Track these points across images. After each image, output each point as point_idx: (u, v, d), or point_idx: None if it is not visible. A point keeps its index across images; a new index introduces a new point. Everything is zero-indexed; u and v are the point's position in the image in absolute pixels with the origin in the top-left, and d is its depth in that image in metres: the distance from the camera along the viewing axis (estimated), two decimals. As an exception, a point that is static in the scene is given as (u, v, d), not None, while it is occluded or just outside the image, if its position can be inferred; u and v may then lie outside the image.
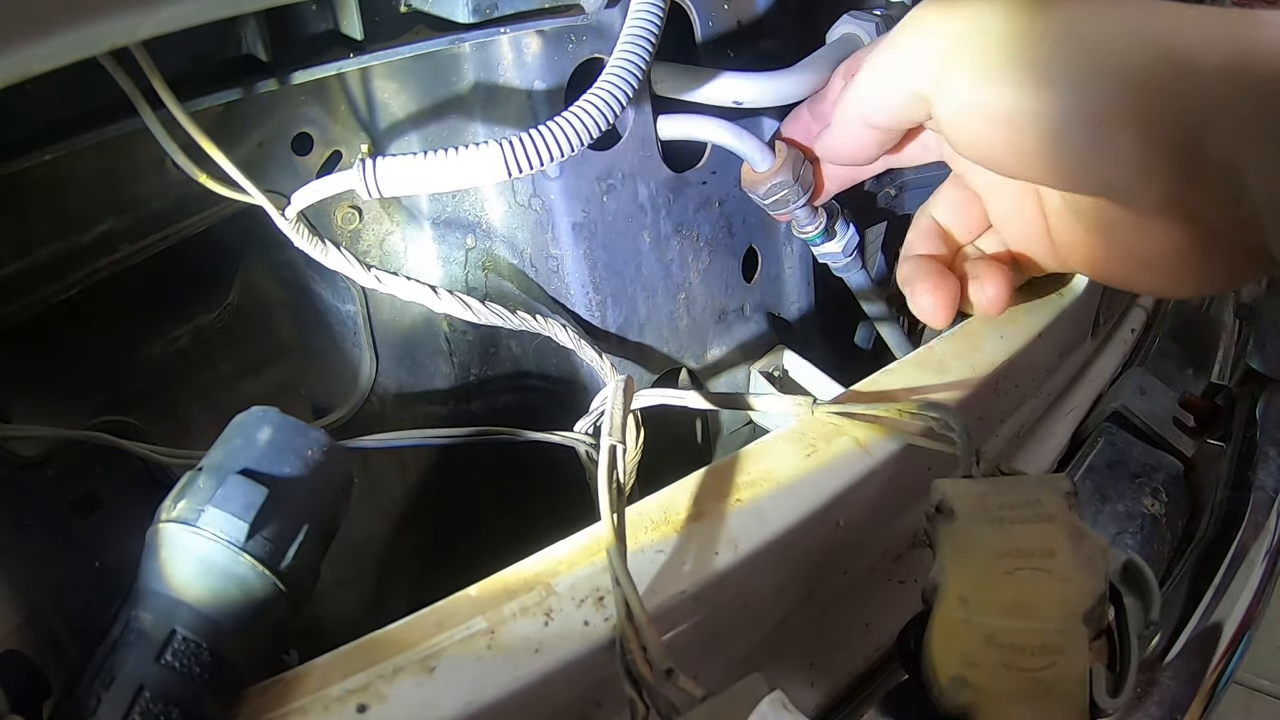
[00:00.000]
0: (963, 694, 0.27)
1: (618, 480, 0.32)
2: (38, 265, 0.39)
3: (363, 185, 0.34)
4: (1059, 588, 0.28)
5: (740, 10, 0.48)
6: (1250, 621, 0.50)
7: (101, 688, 0.25)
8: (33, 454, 0.42)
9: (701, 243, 0.50)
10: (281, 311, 0.56)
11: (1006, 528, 0.29)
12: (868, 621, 0.43)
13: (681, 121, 0.46)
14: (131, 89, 0.32)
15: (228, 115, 0.41)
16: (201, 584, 0.27)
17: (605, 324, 0.47)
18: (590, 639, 0.30)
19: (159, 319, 0.52)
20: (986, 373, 0.43)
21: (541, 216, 0.45)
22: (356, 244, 0.49)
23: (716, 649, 0.37)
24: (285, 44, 0.38)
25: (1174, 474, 0.56)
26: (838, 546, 0.40)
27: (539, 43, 0.41)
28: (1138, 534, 0.52)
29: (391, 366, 0.54)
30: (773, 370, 0.55)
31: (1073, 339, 0.57)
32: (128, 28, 0.25)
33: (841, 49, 0.48)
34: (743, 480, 0.36)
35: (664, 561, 0.33)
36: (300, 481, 0.29)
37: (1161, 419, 0.59)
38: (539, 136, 0.34)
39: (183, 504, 0.27)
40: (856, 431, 0.39)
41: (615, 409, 0.35)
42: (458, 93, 0.43)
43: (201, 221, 0.44)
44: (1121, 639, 0.28)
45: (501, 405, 0.52)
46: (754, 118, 0.50)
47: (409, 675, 0.28)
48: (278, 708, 0.27)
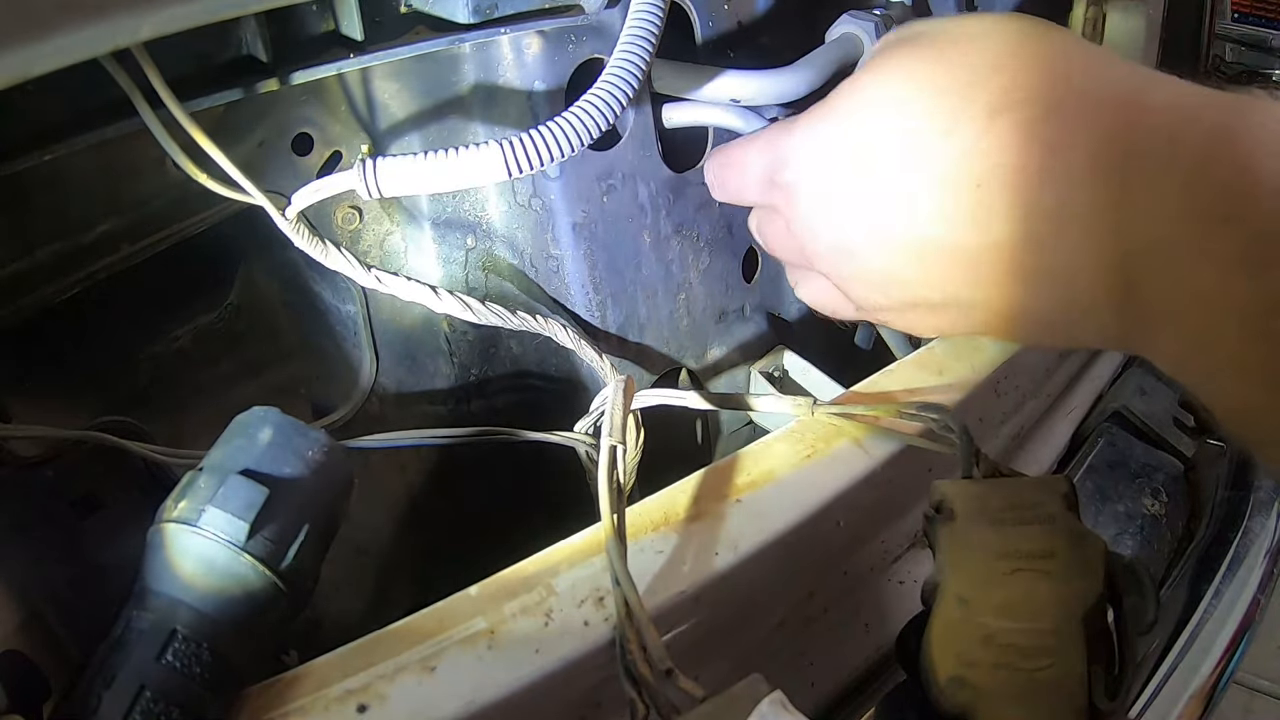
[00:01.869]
0: (961, 694, 0.27)
1: (618, 480, 0.32)
2: (38, 265, 0.39)
3: (363, 185, 0.34)
4: (1058, 589, 0.28)
5: (740, 10, 0.48)
6: (1250, 621, 0.50)
7: (102, 687, 0.25)
8: (33, 454, 0.42)
9: (702, 243, 0.50)
10: (282, 311, 0.56)
11: (1006, 529, 0.29)
12: (867, 621, 0.43)
13: (688, 108, 0.46)
14: (131, 89, 0.32)
15: (228, 115, 0.41)
16: (202, 584, 0.27)
17: (605, 324, 0.47)
18: (590, 639, 0.30)
19: (159, 319, 0.52)
20: (986, 373, 0.43)
21: (541, 216, 0.45)
22: (357, 244, 0.49)
23: (716, 649, 0.37)
24: (285, 44, 0.38)
25: (1174, 474, 0.56)
26: (838, 546, 0.40)
27: (539, 43, 0.41)
28: (1138, 534, 0.52)
29: (391, 366, 0.54)
30: (773, 370, 0.55)
31: (1073, 339, 0.57)
32: (128, 28, 0.25)
33: (841, 48, 0.48)
34: (743, 480, 0.36)
35: (664, 561, 0.33)
36: (300, 481, 0.29)
37: (1161, 419, 0.59)
38: (539, 136, 0.34)
39: (184, 504, 0.27)
40: (856, 432, 0.39)
41: (615, 409, 0.35)
42: (458, 93, 0.43)
43: (201, 221, 0.44)
44: (1121, 640, 0.28)
45: (501, 405, 0.52)
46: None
47: (409, 675, 0.28)
48: (278, 708, 0.27)
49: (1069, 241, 0.29)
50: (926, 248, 0.32)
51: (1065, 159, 0.28)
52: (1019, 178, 0.29)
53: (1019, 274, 0.30)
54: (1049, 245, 0.29)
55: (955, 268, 0.32)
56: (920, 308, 0.35)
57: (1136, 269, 0.28)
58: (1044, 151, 0.29)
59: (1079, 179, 0.28)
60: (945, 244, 0.31)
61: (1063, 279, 0.30)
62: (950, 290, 0.33)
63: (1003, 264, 0.31)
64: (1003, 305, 0.32)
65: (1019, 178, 0.29)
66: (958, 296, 0.33)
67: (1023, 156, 0.29)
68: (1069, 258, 0.29)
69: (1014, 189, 0.29)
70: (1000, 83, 0.30)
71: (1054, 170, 0.29)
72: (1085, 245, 0.29)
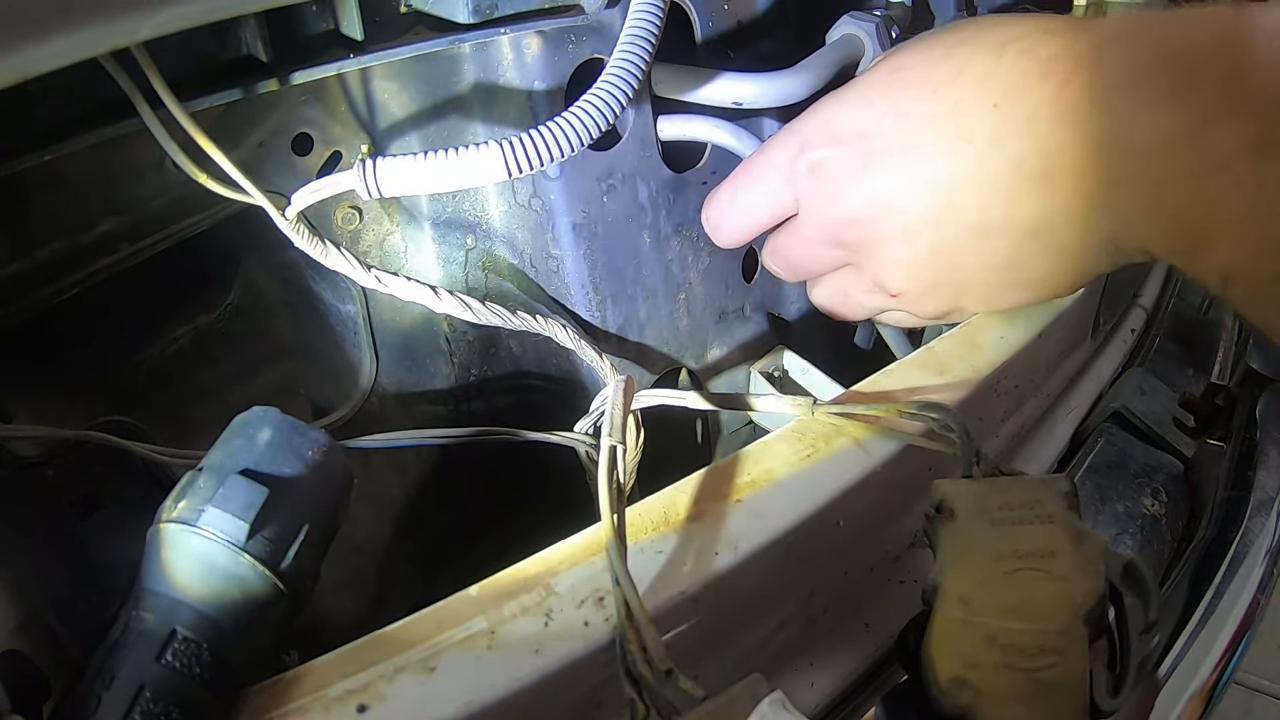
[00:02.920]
0: (962, 694, 0.27)
1: (618, 480, 0.32)
2: (38, 265, 0.39)
3: (363, 185, 0.34)
4: (1059, 588, 0.28)
5: (740, 10, 0.48)
6: (1250, 621, 0.50)
7: (102, 687, 0.25)
8: (33, 454, 0.42)
9: (701, 243, 0.50)
10: (282, 312, 0.56)
11: (1007, 528, 0.29)
12: (868, 621, 0.43)
13: (680, 122, 0.46)
14: (131, 89, 0.32)
15: (228, 115, 0.41)
16: (202, 584, 0.27)
17: (605, 324, 0.47)
18: (590, 639, 0.30)
19: (159, 319, 0.52)
20: (986, 373, 0.43)
21: (541, 217, 0.45)
22: (357, 244, 0.49)
23: (716, 649, 0.37)
24: (285, 44, 0.38)
25: (1174, 474, 0.56)
26: (838, 546, 0.40)
27: (539, 43, 0.41)
28: (1138, 534, 0.52)
29: (391, 366, 0.54)
30: (773, 370, 0.55)
31: (1073, 339, 0.57)
32: (128, 28, 0.25)
33: (841, 49, 0.48)
34: (743, 480, 0.36)
35: (664, 561, 0.33)
36: (300, 481, 0.29)
37: (1161, 419, 0.59)
38: (539, 137, 0.34)
39: (183, 504, 0.27)
40: (856, 432, 0.39)
41: (615, 409, 0.35)
42: (458, 93, 0.43)
43: (201, 221, 0.44)
44: (1121, 639, 0.28)
45: (501, 405, 0.52)
46: (754, 118, 0.50)
47: (409, 675, 0.28)
48: (278, 708, 0.27)
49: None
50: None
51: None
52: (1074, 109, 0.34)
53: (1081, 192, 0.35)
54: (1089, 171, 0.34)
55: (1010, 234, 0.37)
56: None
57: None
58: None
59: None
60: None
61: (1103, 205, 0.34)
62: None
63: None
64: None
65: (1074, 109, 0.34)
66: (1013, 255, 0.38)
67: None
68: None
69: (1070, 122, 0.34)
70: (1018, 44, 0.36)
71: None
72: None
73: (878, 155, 0.39)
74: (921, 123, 0.38)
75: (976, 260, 0.39)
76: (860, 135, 0.40)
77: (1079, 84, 0.34)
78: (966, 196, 0.37)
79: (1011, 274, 0.39)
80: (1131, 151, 0.33)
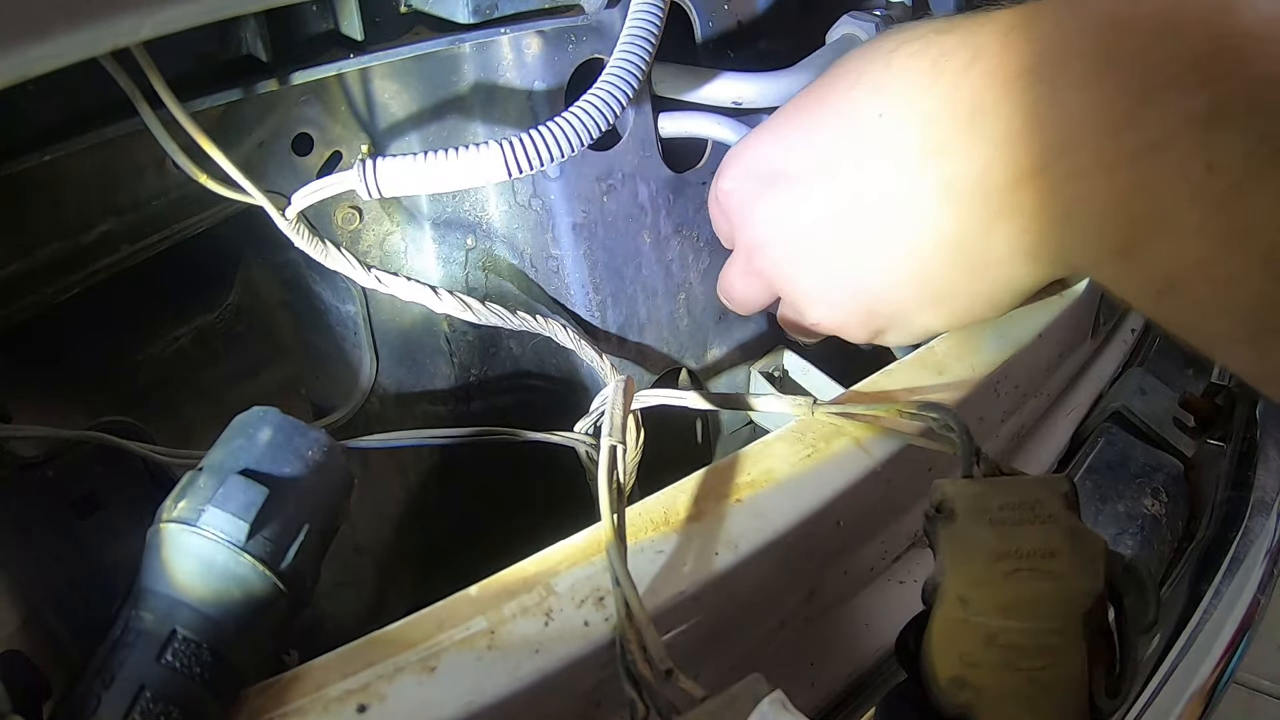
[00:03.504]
0: (962, 694, 0.27)
1: (618, 480, 0.32)
2: (38, 266, 0.39)
3: (363, 185, 0.34)
4: (1058, 588, 0.28)
5: (740, 10, 0.48)
6: (1250, 621, 0.50)
7: (102, 687, 0.25)
8: (33, 454, 0.42)
9: (702, 243, 0.50)
10: (282, 311, 0.56)
11: (1006, 528, 0.29)
12: (868, 621, 0.43)
13: (682, 119, 0.46)
14: (131, 89, 0.32)
15: (228, 115, 0.41)
16: (202, 584, 0.27)
17: (605, 324, 0.47)
18: (590, 639, 0.30)
19: (159, 319, 0.52)
20: (986, 373, 0.43)
21: (541, 217, 0.45)
22: (357, 244, 0.49)
23: (716, 649, 0.37)
24: (285, 44, 0.38)
25: (1174, 474, 0.56)
26: (838, 546, 0.40)
27: (539, 43, 0.41)
28: (1138, 534, 0.52)
29: (391, 366, 0.54)
30: (773, 370, 0.55)
31: (1073, 339, 0.57)
32: (128, 28, 0.25)
33: (841, 49, 0.48)
34: (743, 480, 0.36)
35: (664, 561, 0.33)
36: (300, 481, 0.29)
37: (1161, 419, 0.59)
38: (539, 136, 0.34)
39: (183, 504, 0.27)
40: (856, 432, 0.39)
41: (615, 409, 0.35)
42: (458, 93, 0.43)
43: (201, 222, 0.44)
44: (1121, 639, 0.28)
45: (501, 405, 0.52)
46: (754, 118, 0.50)
47: (409, 675, 0.28)
48: (278, 708, 0.27)
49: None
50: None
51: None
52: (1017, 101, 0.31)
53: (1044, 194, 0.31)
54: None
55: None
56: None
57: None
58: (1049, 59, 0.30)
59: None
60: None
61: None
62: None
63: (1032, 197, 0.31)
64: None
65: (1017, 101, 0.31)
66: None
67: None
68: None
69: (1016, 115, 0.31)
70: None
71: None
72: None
73: (781, 180, 0.38)
74: (825, 145, 0.37)
75: (883, 280, 0.37)
76: (774, 169, 0.39)
77: (979, 76, 0.31)
78: (862, 214, 0.35)
79: (922, 290, 0.37)
80: (1049, 143, 0.29)
